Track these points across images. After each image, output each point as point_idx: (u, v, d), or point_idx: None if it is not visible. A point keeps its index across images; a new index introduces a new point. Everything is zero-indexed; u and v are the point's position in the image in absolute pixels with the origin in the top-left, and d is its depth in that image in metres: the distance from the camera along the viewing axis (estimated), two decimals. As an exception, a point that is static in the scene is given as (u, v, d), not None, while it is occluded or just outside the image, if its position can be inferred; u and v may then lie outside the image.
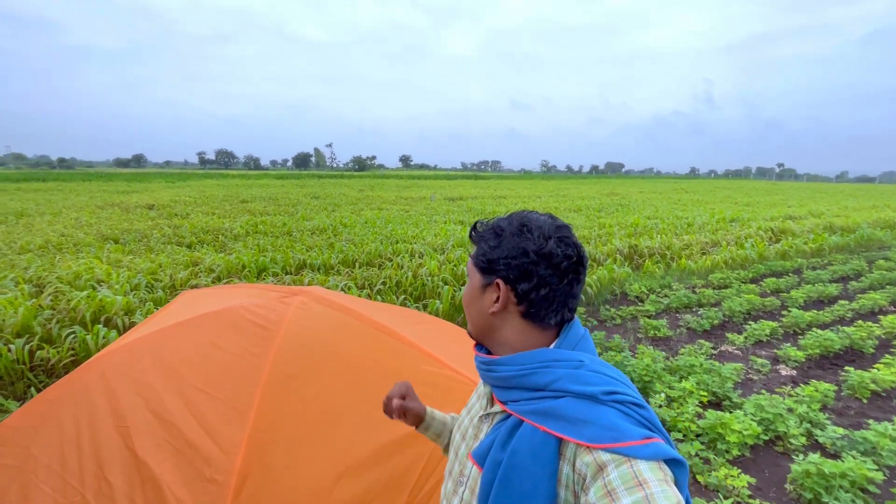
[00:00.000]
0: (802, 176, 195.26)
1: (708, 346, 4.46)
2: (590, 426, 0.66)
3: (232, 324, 1.67)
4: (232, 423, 1.33)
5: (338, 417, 1.37)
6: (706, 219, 12.28)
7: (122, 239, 8.11)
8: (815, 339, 4.43)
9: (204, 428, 1.34)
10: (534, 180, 49.68)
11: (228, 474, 1.22)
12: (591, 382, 0.70)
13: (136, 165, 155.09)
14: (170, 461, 1.31)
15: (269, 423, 1.32)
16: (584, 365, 0.73)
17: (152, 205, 14.05)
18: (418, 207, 15.23)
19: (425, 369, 1.55)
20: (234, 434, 1.30)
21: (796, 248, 8.98)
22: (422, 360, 1.58)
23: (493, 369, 0.78)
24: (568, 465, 0.68)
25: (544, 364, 0.73)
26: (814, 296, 6.15)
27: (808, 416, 3.14)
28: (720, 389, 3.48)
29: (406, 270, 5.75)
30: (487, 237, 0.80)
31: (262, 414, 1.33)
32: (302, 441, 1.32)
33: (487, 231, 0.81)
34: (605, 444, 0.64)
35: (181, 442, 1.33)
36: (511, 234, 0.78)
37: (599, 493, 0.62)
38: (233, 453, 1.26)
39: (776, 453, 2.89)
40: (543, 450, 0.68)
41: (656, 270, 7.32)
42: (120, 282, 4.79)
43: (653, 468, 0.62)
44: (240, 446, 1.27)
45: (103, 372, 1.61)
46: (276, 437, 1.31)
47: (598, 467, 0.64)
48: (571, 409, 0.68)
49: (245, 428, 1.31)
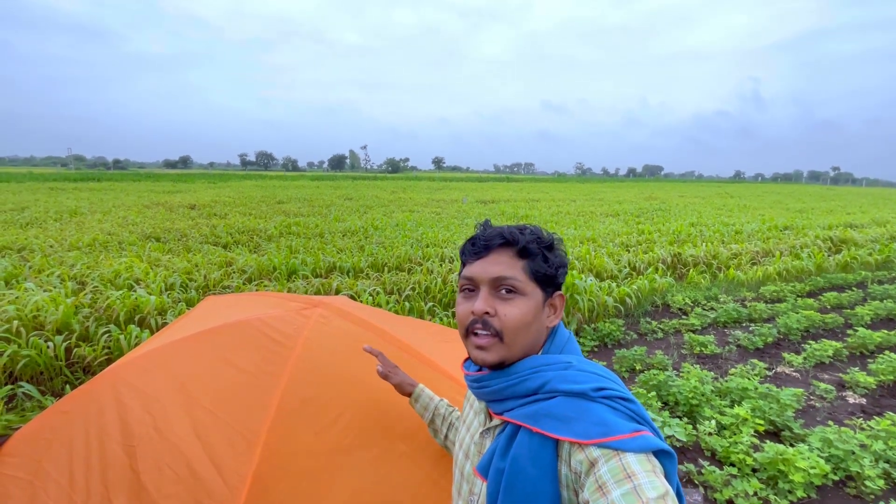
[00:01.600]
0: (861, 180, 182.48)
1: (762, 367, 4.08)
2: (580, 423, 0.68)
3: (246, 338, 1.57)
4: (239, 452, 1.22)
5: (352, 450, 1.23)
6: (756, 226, 11.52)
7: (163, 238, 8.40)
8: (887, 363, 3.97)
9: (209, 455, 1.23)
10: (568, 183, 48.70)
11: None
12: (581, 381, 0.72)
13: (182, 167, 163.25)
14: (171, 489, 1.21)
15: (277, 455, 1.20)
16: (572, 366, 0.76)
17: (194, 205, 14.59)
18: (450, 210, 15.12)
19: (455, 399, 1.39)
20: (241, 465, 1.18)
21: (860, 260, 8.24)
22: (450, 388, 1.42)
23: (485, 385, 0.79)
24: (565, 466, 0.69)
25: (534, 370, 0.75)
26: (882, 313, 5.58)
27: (885, 454, 2.76)
28: (779, 418, 3.14)
29: (436, 276, 5.61)
30: (546, 252, 0.81)
31: (271, 443, 1.21)
32: (313, 477, 1.18)
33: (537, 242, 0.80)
34: (595, 439, 0.66)
35: (184, 469, 1.23)
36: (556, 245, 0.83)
37: (592, 487, 0.63)
38: (237, 488, 1.14)
39: (848, 496, 2.55)
40: (541, 453, 0.69)
41: (701, 281, 6.88)
42: (156, 281, 4.89)
43: (641, 460, 0.63)
44: (245, 480, 1.15)
45: (115, 384, 1.54)
46: (284, 471, 1.18)
47: (590, 463, 0.65)
48: (563, 408, 0.70)
49: (252, 459, 1.19)
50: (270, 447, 1.21)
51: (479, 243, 0.81)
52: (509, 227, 0.82)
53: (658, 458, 0.66)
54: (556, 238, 0.83)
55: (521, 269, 0.78)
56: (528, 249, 0.79)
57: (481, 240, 0.81)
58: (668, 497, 0.59)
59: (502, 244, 0.79)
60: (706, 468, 2.59)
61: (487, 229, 0.84)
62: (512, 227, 0.82)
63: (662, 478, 0.62)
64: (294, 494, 1.15)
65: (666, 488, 0.60)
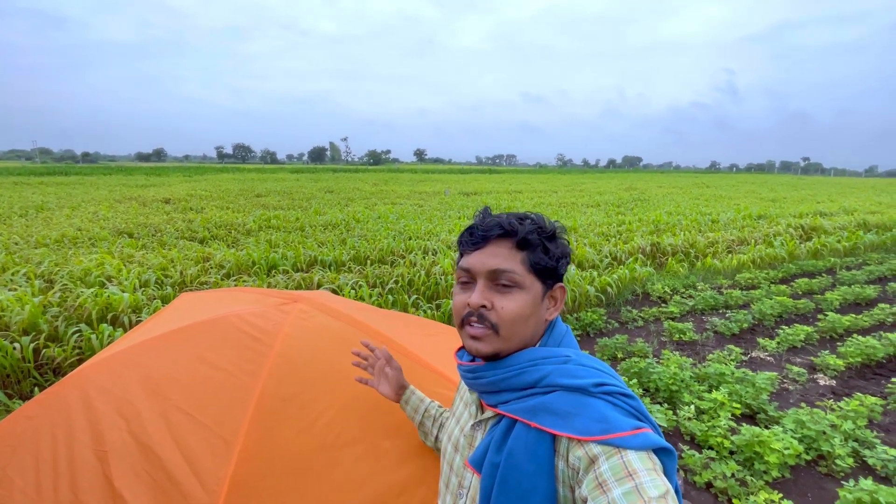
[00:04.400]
0: (829, 170, 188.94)
1: (738, 352, 4.19)
2: (580, 419, 0.67)
3: (224, 335, 1.51)
4: (217, 454, 1.17)
5: (336, 449, 1.20)
6: (731, 215, 11.81)
7: (136, 233, 8.13)
8: (855, 345, 4.13)
9: (186, 458, 1.19)
10: (549, 174, 49.03)
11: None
12: (581, 376, 0.71)
13: (156, 159, 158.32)
14: (147, 495, 1.16)
15: (257, 457, 1.16)
16: (571, 360, 0.74)
17: (168, 199, 14.17)
18: (432, 202, 15.05)
19: (434, 391, 1.37)
20: (219, 468, 1.14)
21: (829, 247, 8.53)
22: (432, 380, 1.40)
23: (480, 376, 0.77)
24: (562, 462, 0.68)
25: (532, 362, 0.74)
26: (850, 298, 5.80)
27: (854, 433, 2.88)
28: (754, 401, 3.23)
29: (419, 269, 5.58)
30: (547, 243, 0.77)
31: (250, 445, 1.17)
32: (294, 478, 1.15)
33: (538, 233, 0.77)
34: (596, 436, 0.64)
35: (160, 473, 1.18)
36: (558, 234, 0.80)
37: (591, 485, 0.62)
38: (215, 492, 1.10)
39: (820, 475, 2.64)
40: (538, 448, 0.68)
41: (680, 270, 7.02)
42: (129, 278, 4.72)
43: (642, 458, 0.62)
44: (223, 483, 1.11)
45: (83, 387, 1.47)
46: (264, 472, 1.15)
47: (589, 460, 0.64)
48: (562, 403, 0.69)
49: (230, 461, 1.15)
50: (249, 448, 1.17)
51: (476, 233, 0.78)
52: (509, 217, 0.78)
53: (658, 456, 0.65)
54: (558, 227, 0.80)
55: (519, 262, 0.75)
56: (528, 241, 0.76)
57: (479, 230, 0.78)
58: (669, 496, 0.58)
59: (501, 235, 0.76)
60: (686, 452, 2.65)
61: (486, 218, 0.80)
62: (512, 217, 0.78)
63: (663, 476, 0.62)
64: (275, 495, 1.12)
65: (667, 487, 0.60)
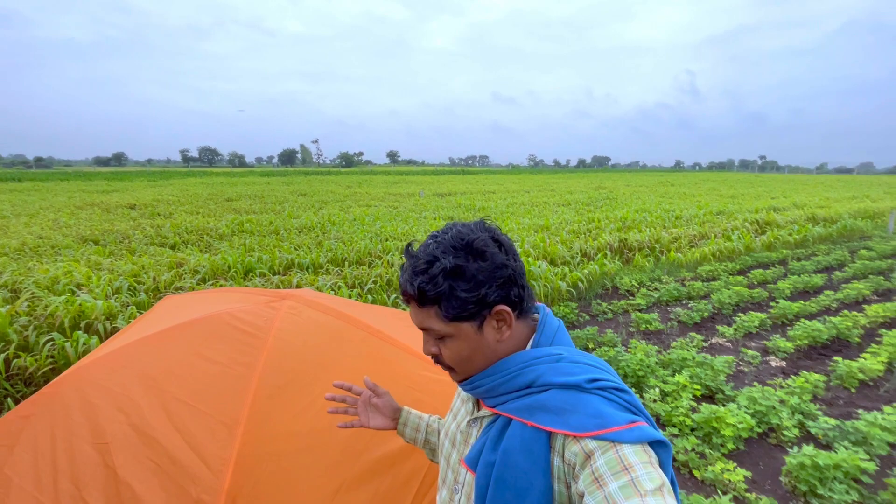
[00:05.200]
0: (784, 168, 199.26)
1: (699, 339, 4.48)
2: (575, 415, 0.67)
3: (217, 332, 1.59)
4: (219, 439, 1.26)
5: (332, 429, 1.30)
6: (693, 211, 12.39)
7: (102, 240, 7.88)
8: (802, 329, 4.48)
9: (189, 444, 1.27)
10: (522, 175, 49.78)
11: (217, 494, 1.15)
12: (574, 373, 0.71)
13: (116, 164, 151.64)
14: (153, 480, 1.24)
15: (258, 438, 1.25)
16: (563, 357, 0.74)
17: (134, 204, 13.72)
18: (407, 204, 15.12)
19: (421, 375, 1.49)
20: (222, 450, 1.23)
21: (781, 240, 9.11)
22: (417, 365, 1.52)
23: (477, 385, 0.78)
24: (558, 458, 0.68)
25: (525, 365, 0.74)
26: (800, 286, 6.24)
27: (799, 407, 3.16)
28: (713, 383, 3.49)
29: (397, 268, 5.67)
30: (454, 284, 0.71)
31: (251, 428, 1.26)
32: (294, 456, 1.25)
33: (442, 278, 0.70)
34: (591, 431, 0.65)
35: (165, 459, 1.26)
36: (473, 260, 0.72)
37: (588, 480, 0.63)
38: (221, 471, 1.19)
39: (770, 445, 2.90)
40: (534, 445, 0.69)
41: (646, 264, 7.36)
42: (100, 285, 4.63)
43: (637, 451, 0.63)
44: (228, 463, 1.20)
45: (80, 385, 1.53)
46: (266, 452, 1.24)
47: (585, 455, 0.65)
48: (557, 400, 0.69)
49: (233, 443, 1.24)
50: (251, 432, 1.26)
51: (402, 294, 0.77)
52: (413, 267, 0.73)
53: (654, 448, 0.66)
54: (479, 243, 0.72)
55: (434, 317, 0.74)
56: (428, 299, 0.72)
57: (400, 290, 0.77)
58: (665, 488, 0.59)
59: (409, 297, 0.75)
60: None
61: (403, 271, 0.76)
62: (415, 266, 0.73)
63: (659, 468, 0.63)
64: (277, 472, 1.22)
65: (663, 479, 0.60)
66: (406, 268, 0.75)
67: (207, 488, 1.17)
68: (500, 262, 0.73)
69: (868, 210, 13.36)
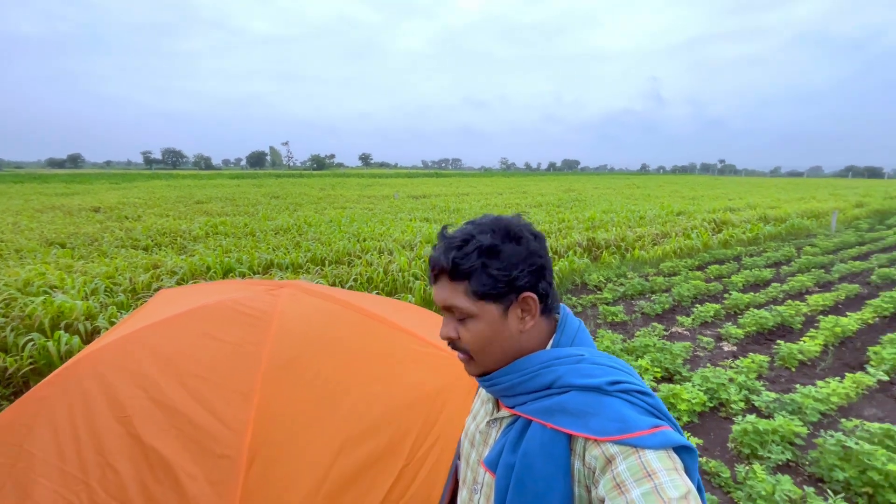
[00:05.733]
0: (741, 171, 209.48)
1: (660, 329, 4.84)
2: (597, 418, 0.66)
3: (224, 316, 1.74)
4: (236, 405, 1.42)
5: (338, 394, 1.49)
6: (657, 212, 13.04)
7: (69, 243, 7.68)
8: (751, 317, 4.91)
9: (209, 410, 1.42)
10: (494, 178, 50.49)
11: (239, 450, 1.31)
12: (595, 375, 0.70)
13: (72, 166, 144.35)
14: (177, 443, 1.38)
15: (272, 404, 1.42)
16: (584, 359, 0.73)
17: (98, 207, 13.27)
18: (382, 206, 15.23)
19: (413, 348, 1.69)
20: (241, 413, 1.39)
21: (736, 238, 9.76)
22: (409, 340, 1.72)
23: (495, 382, 0.76)
24: (579, 461, 0.67)
25: (545, 365, 0.73)
26: (751, 280, 6.76)
27: (746, 384, 3.53)
28: (671, 365, 3.83)
29: (376, 267, 5.83)
30: (488, 262, 0.72)
31: (266, 395, 1.43)
32: (304, 419, 1.42)
33: (476, 254, 0.72)
34: (613, 436, 0.63)
35: (187, 425, 1.40)
36: (508, 242, 0.73)
37: (609, 485, 0.61)
38: (241, 431, 1.35)
39: (720, 418, 3.24)
40: (554, 448, 0.68)
41: (613, 261, 7.77)
42: (76, 287, 4.59)
43: (661, 457, 0.61)
44: (247, 424, 1.36)
45: (95, 367, 1.64)
46: (279, 416, 1.41)
47: (606, 460, 0.63)
48: (577, 403, 0.68)
49: (250, 409, 1.40)
50: (266, 398, 1.43)
51: (429, 269, 0.78)
52: (448, 243, 0.74)
53: (679, 454, 0.63)
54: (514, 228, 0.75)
55: (462, 294, 0.73)
56: (461, 272, 0.72)
57: (430, 265, 0.77)
58: (691, 496, 0.57)
59: (441, 270, 0.75)
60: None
61: (436, 249, 0.77)
62: (451, 242, 0.74)
63: (684, 475, 0.60)
64: (290, 432, 1.39)
65: (688, 487, 0.58)
66: (440, 245, 0.76)
67: (230, 446, 1.33)
68: (533, 249, 0.74)
69: (814, 210, 14.38)
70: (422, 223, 10.27)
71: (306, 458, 1.37)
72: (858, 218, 14.69)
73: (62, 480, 1.43)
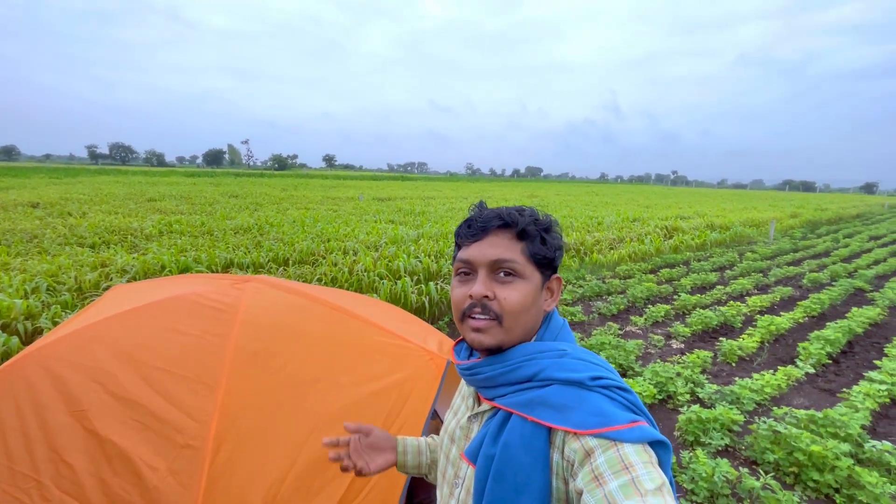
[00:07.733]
0: (692, 182, 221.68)
1: (616, 328, 5.09)
2: (577, 412, 0.67)
3: (187, 309, 1.71)
4: (201, 396, 1.41)
5: (304, 385, 1.50)
6: (614, 218, 13.62)
7: (4, 240, 7.13)
8: (698, 317, 5.25)
9: (171, 403, 1.40)
10: (459, 182, 50.94)
11: (204, 439, 1.30)
12: (577, 369, 0.72)
13: (5, 158, 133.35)
14: (137, 435, 1.36)
15: (239, 394, 1.42)
16: (567, 353, 0.74)
17: (37, 203, 12.39)
18: (346, 207, 15.05)
19: (379, 340, 1.73)
20: (205, 404, 1.38)
21: (685, 244, 10.36)
22: (375, 333, 1.76)
23: (477, 372, 0.78)
24: (558, 454, 0.69)
25: (528, 357, 0.74)
26: (698, 283, 7.20)
27: (691, 378, 3.77)
28: (625, 361, 4.04)
29: (341, 267, 5.79)
30: (544, 234, 0.79)
31: (232, 386, 1.43)
32: (272, 407, 1.43)
33: (536, 224, 0.78)
34: (592, 429, 0.65)
35: (148, 417, 1.38)
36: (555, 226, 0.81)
37: (587, 478, 0.62)
38: (205, 422, 1.34)
39: (668, 409, 3.45)
40: (534, 441, 0.69)
41: (572, 264, 8.06)
42: (14, 285, 4.29)
43: (638, 451, 0.63)
44: (212, 415, 1.36)
45: (44, 362, 1.57)
46: (247, 405, 1.41)
47: (585, 453, 0.65)
48: (558, 397, 0.69)
49: (215, 399, 1.39)
50: (232, 389, 1.43)
51: (475, 225, 0.78)
52: (507, 209, 0.79)
53: (654, 449, 0.66)
54: (552, 220, 0.81)
55: (520, 252, 0.76)
56: (527, 231, 0.76)
57: (478, 221, 0.78)
58: (665, 488, 0.59)
59: (500, 226, 0.77)
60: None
61: (484, 211, 0.81)
62: (510, 209, 0.79)
63: (659, 469, 0.63)
64: (258, 421, 1.40)
65: (663, 479, 0.60)
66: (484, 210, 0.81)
67: (194, 436, 1.32)
68: (563, 244, 0.83)
69: (755, 219, 15.47)
70: (387, 225, 10.25)
71: (273, 447, 1.39)
72: (793, 227, 15.94)
73: (11, 479, 1.37)
